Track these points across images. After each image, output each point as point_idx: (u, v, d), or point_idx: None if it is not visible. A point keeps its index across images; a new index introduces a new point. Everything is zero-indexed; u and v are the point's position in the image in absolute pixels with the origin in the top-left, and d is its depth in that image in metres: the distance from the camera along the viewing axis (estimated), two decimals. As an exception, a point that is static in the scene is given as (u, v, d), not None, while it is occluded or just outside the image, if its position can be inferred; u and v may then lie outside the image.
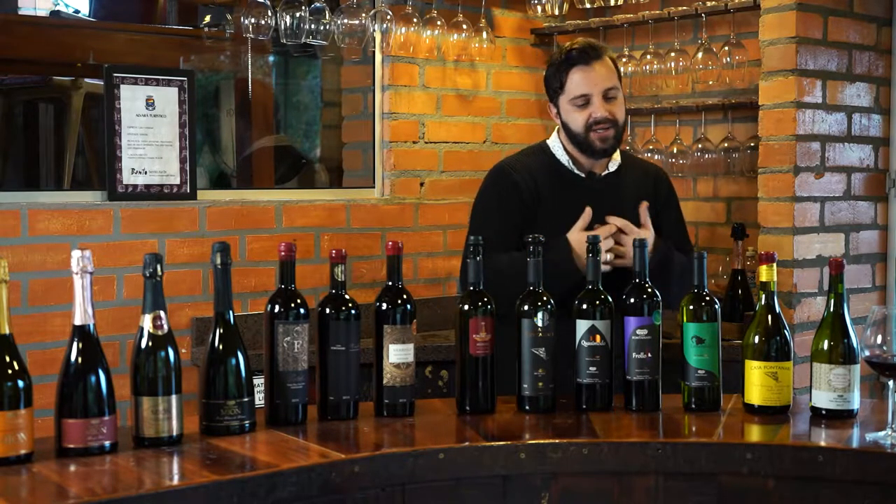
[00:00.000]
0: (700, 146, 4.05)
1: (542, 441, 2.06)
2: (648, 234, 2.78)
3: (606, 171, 2.94)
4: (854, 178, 3.76)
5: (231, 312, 2.12)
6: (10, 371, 1.85)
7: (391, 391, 2.24)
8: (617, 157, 2.96)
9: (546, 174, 2.93)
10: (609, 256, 2.72)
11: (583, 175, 2.93)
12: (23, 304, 3.18)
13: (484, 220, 2.88)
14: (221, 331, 2.10)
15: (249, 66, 4.40)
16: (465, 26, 4.07)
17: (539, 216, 2.86)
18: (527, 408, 2.28)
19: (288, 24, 3.67)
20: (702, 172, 4.14)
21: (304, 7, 3.68)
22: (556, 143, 2.96)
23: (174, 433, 2.00)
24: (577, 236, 2.75)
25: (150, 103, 3.47)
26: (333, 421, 2.21)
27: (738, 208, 4.10)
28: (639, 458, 2.05)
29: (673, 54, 4.00)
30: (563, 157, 2.93)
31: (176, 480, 1.82)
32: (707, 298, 2.30)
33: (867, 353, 2.06)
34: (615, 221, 2.79)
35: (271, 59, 4.62)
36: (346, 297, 2.23)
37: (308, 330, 2.19)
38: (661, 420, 2.26)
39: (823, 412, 2.21)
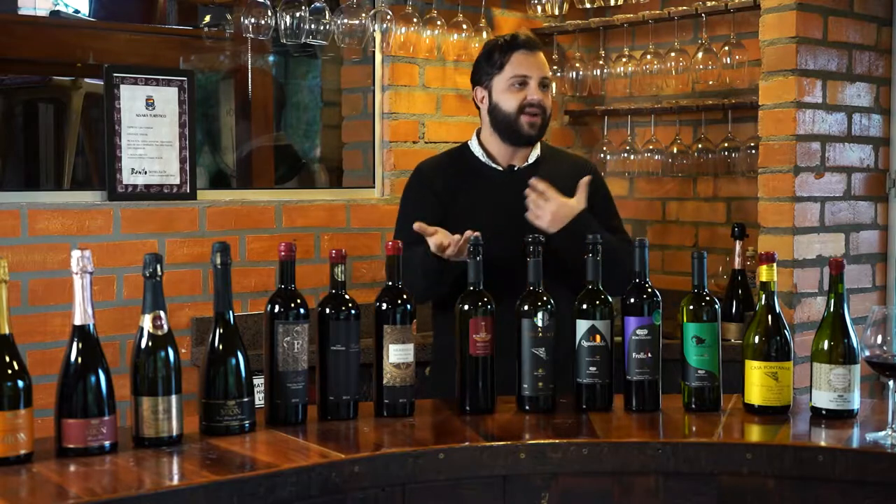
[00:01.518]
0: (700, 146, 4.05)
1: (542, 441, 2.06)
2: (574, 202, 2.76)
3: (526, 164, 2.96)
4: (854, 178, 3.76)
5: (231, 312, 2.12)
6: (10, 371, 1.85)
7: (391, 391, 2.24)
8: (537, 149, 2.98)
9: (458, 170, 2.96)
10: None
11: (500, 168, 2.95)
12: (23, 304, 3.18)
13: (398, 221, 3.00)
14: (221, 331, 2.10)
15: (249, 66, 4.40)
16: (465, 26, 4.07)
17: (453, 213, 2.88)
18: (527, 408, 2.28)
19: (288, 24, 3.67)
20: (702, 172, 4.14)
21: (304, 7, 3.68)
22: (473, 141, 3.00)
23: (174, 433, 2.00)
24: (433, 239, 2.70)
25: (149, 103, 3.47)
26: (333, 421, 2.21)
27: (738, 208, 4.10)
28: (639, 458, 2.05)
29: (673, 54, 4.01)
30: (479, 153, 2.96)
31: (176, 480, 1.82)
32: (707, 298, 2.30)
33: (867, 353, 2.06)
34: (537, 186, 2.76)
35: (271, 59, 4.62)
36: (346, 297, 2.23)
37: (308, 330, 2.19)
38: (661, 420, 2.26)
39: (823, 412, 2.21)
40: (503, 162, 2.95)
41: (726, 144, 3.99)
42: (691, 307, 2.30)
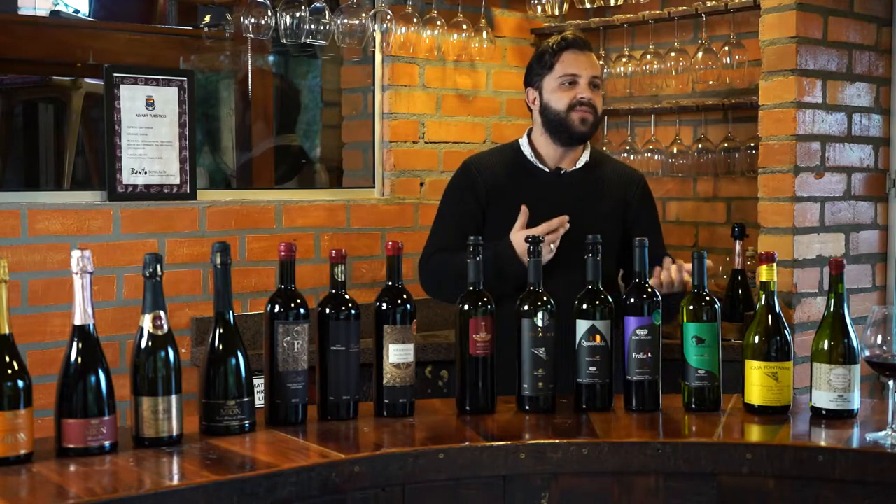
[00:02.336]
0: (700, 146, 4.05)
1: (542, 441, 2.06)
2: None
3: (574, 168, 2.96)
4: (854, 178, 3.76)
5: (231, 312, 2.12)
6: (10, 371, 1.85)
7: (391, 391, 2.24)
8: (586, 154, 2.99)
9: (509, 169, 2.97)
10: (552, 247, 2.75)
11: (547, 170, 2.95)
12: (23, 304, 3.18)
13: (438, 217, 3.03)
14: (221, 331, 2.10)
15: (249, 66, 4.40)
16: (465, 26, 4.07)
17: (497, 211, 2.90)
18: (527, 408, 2.28)
19: (288, 24, 3.67)
20: (702, 172, 4.14)
21: (304, 7, 3.68)
22: (524, 141, 3.02)
23: (174, 433, 2.00)
24: (518, 236, 2.77)
25: (149, 103, 3.47)
26: (333, 421, 2.21)
27: (738, 208, 4.10)
28: (639, 458, 2.05)
29: (673, 54, 4.01)
30: (530, 154, 2.97)
31: (176, 480, 1.82)
32: (707, 298, 2.30)
33: (867, 353, 2.06)
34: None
35: (271, 58, 4.62)
36: (346, 297, 2.23)
37: (308, 330, 2.19)
38: (661, 420, 2.26)
39: (823, 412, 2.21)
40: (551, 164, 2.96)
41: (726, 144, 3.99)
42: (691, 307, 2.30)
